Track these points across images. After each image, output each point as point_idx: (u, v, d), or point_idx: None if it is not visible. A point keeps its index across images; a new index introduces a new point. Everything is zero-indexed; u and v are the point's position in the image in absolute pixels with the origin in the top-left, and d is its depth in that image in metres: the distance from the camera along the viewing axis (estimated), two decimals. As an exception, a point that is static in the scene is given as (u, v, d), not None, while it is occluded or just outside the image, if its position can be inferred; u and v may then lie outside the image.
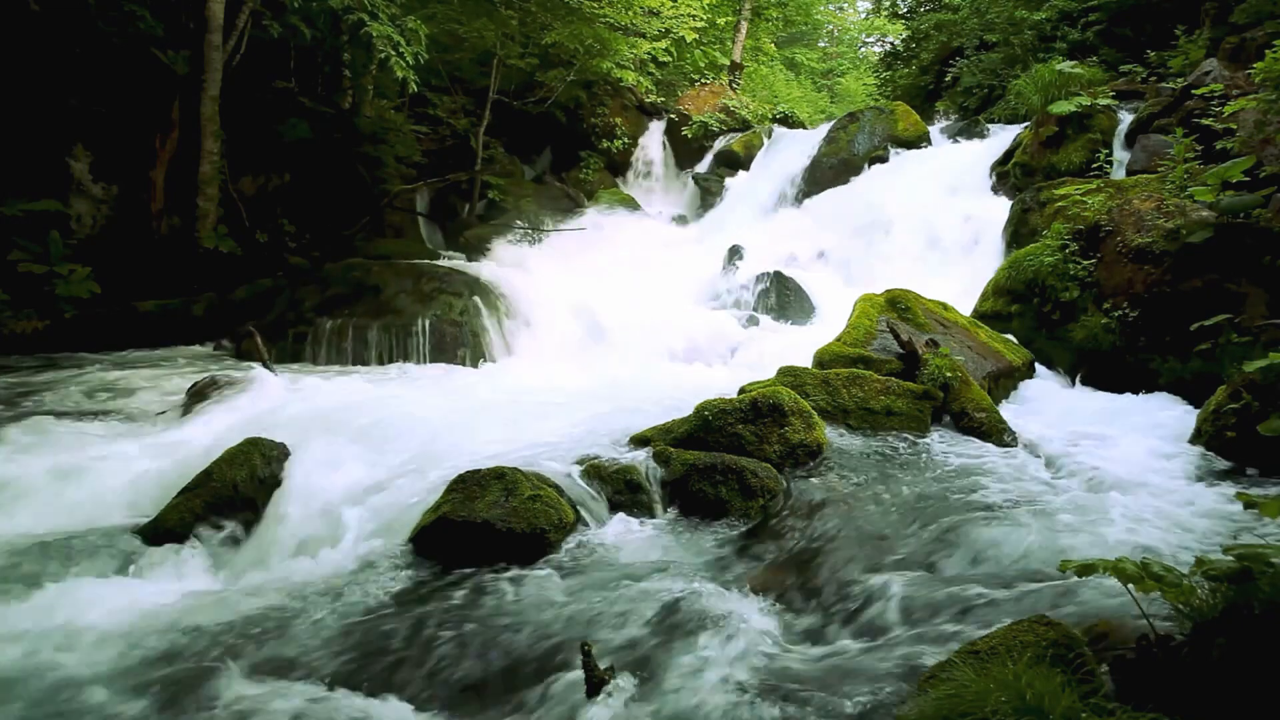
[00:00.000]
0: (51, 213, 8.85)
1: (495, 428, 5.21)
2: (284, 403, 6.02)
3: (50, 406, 6.32)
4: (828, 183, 13.42)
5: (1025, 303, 7.20)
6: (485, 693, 2.69)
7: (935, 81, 18.52)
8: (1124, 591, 2.31)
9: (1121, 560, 2.22)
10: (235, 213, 10.59)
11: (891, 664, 2.63)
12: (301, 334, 8.72)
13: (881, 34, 31.53)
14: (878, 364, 5.68)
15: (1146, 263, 6.48)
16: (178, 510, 3.97)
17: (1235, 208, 6.25)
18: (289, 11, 10.43)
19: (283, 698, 2.62)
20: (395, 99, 13.94)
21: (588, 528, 3.88)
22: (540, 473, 3.98)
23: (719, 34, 21.19)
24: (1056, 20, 14.72)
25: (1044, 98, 10.46)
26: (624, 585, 3.24)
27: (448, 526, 3.61)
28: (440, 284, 9.24)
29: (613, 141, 16.89)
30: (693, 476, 4.16)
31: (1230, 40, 9.39)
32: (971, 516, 3.68)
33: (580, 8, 13.92)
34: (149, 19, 9.37)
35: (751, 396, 4.60)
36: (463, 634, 2.98)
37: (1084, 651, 2.14)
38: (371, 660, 2.86)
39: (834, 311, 8.30)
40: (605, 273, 11.01)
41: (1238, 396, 4.68)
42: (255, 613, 3.18)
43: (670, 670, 2.68)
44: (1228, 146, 7.25)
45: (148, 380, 7.10)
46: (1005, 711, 1.84)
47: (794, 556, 3.59)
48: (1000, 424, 5.17)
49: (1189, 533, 3.48)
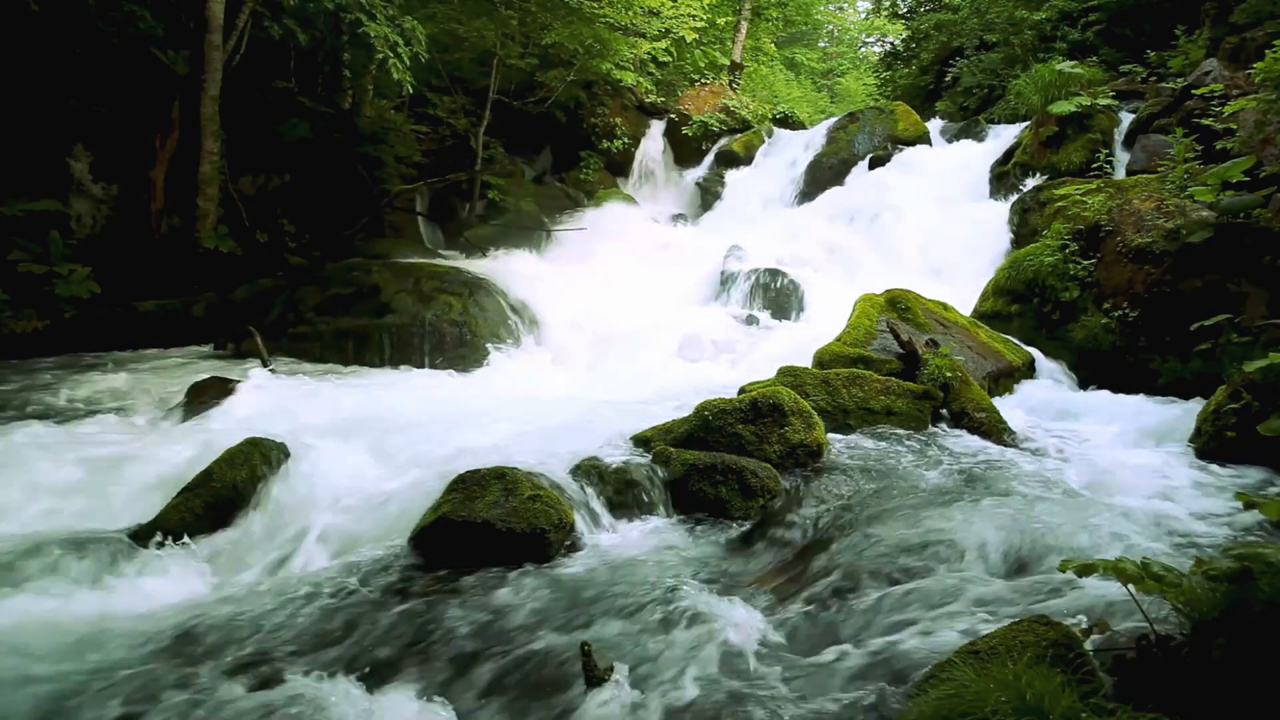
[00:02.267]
0: (51, 213, 8.85)
1: (495, 427, 5.21)
2: (284, 403, 6.02)
3: (50, 407, 6.33)
4: (828, 182, 13.42)
5: (1025, 303, 7.20)
6: (485, 692, 2.69)
7: (935, 81, 18.53)
8: (1124, 591, 2.31)
9: (1121, 560, 2.22)
10: (235, 213, 10.59)
11: (891, 664, 2.63)
12: (301, 334, 8.72)
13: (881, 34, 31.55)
14: (878, 364, 5.68)
15: (1146, 263, 6.48)
16: (178, 510, 3.97)
17: (1235, 208, 6.25)
18: (286, 14, 10.43)
19: (282, 697, 2.62)
20: (395, 99, 13.93)
21: (588, 527, 3.88)
22: (540, 472, 3.97)
23: (719, 34, 21.19)
24: (1056, 20, 14.73)
25: (1044, 98, 10.47)
26: (624, 585, 3.24)
27: (448, 526, 3.61)
28: (440, 284, 9.24)
29: (613, 141, 16.88)
30: (693, 476, 4.16)
31: (1230, 40, 9.40)
32: (972, 516, 3.68)
33: (580, 8, 13.91)
34: (149, 19, 9.37)
35: (751, 396, 4.60)
36: (462, 634, 2.98)
37: (1084, 651, 2.14)
38: (371, 660, 2.86)
39: (834, 311, 8.29)
40: (605, 273, 11.00)
41: (1238, 396, 4.68)
42: (255, 612, 3.18)
43: (670, 669, 2.68)
44: (1228, 146, 7.25)
45: (148, 380, 7.10)
46: (1005, 711, 1.84)
47: (794, 556, 3.59)
48: (1000, 424, 5.17)
49: (1189, 533, 3.48)
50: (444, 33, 13.25)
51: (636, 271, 11.02)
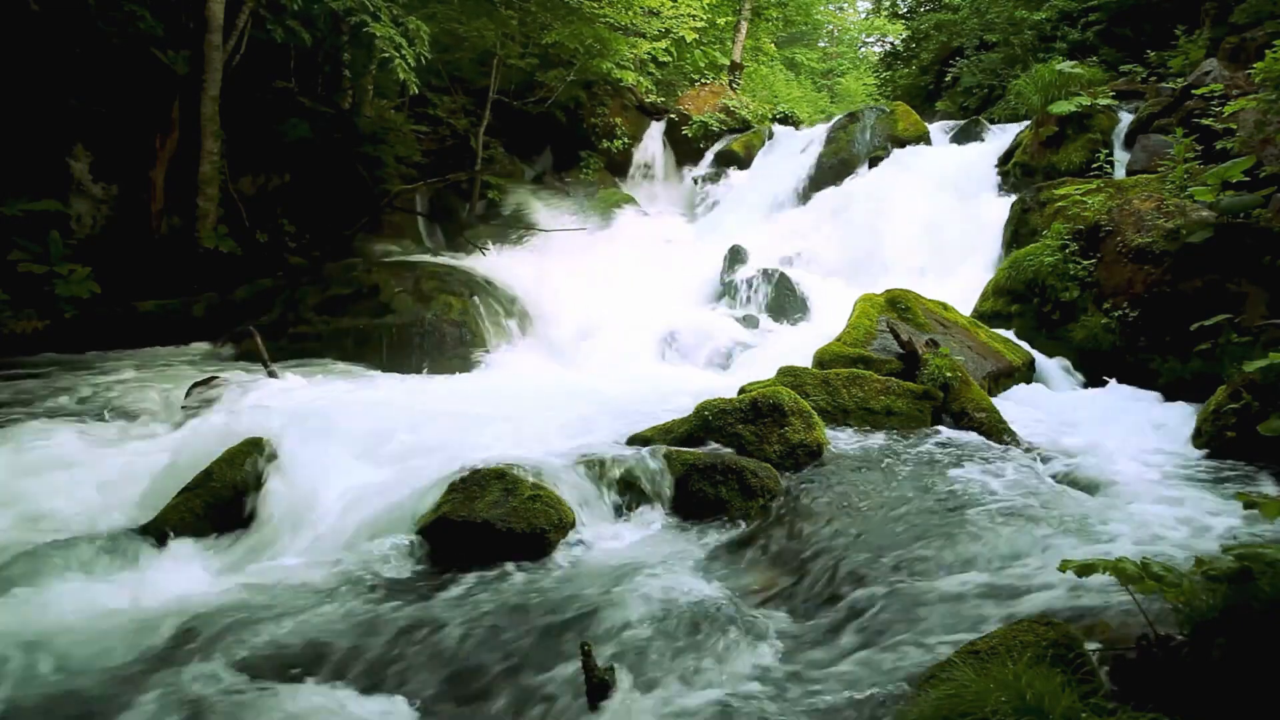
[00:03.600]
0: (51, 213, 8.85)
1: (495, 427, 5.21)
2: (284, 403, 6.01)
3: (50, 407, 6.32)
4: (828, 182, 13.40)
5: (1025, 303, 7.20)
6: (485, 692, 2.68)
7: (935, 81, 18.53)
8: (1124, 591, 2.31)
9: (1121, 560, 2.22)
10: (235, 213, 10.59)
11: (891, 664, 2.63)
12: (301, 334, 8.72)
13: (881, 34, 31.55)
14: (878, 364, 5.68)
15: (1146, 263, 6.48)
16: (178, 510, 3.97)
17: (1235, 208, 6.25)
18: (288, 14, 10.43)
19: (281, 696, 2.62)
20: (395, 99, 13.94)
21: (588, 527, 3.88)
22: (540, 472, 3.97)
23: (719, 34, 21.17)
24: (1056, 20, 14.73)
25: (1044, 98, 10.47)
26: (624, 585, 3.24)
27: (448, 526, 3.61)
28: (440, 284, 9.24)
29: (613, 141, 16.88)
30: (693, 476, 4.16)
31: (1230, 40, 9.39)
32: (971, 516, 3.68)
33: (580, 8, 13.91)
34: (149, 19, 9.38)
35: (751, 396, 4.60)
36: (462, 634, 2.97)
37: (1084, 651, 2.14)
38: (370, 659, 2.86)
39: (834, 311, 8.29)
40: (605, 273, 10.99)
41: (1238, 396, 4.69)
42: (254, 612, 3.17)
43: (670, 670, 2.69)
44: (1228, 146, 7.25)
45: (147, 380, 7.09)
46: (1005, 712, 1.84)
47: (794, 556, 3.59)
48: (1000, 424, 5.17)
49: (1189, 533, 3.47)
50: (444, 33, 13.23)
51: (636, 272, 11.01)
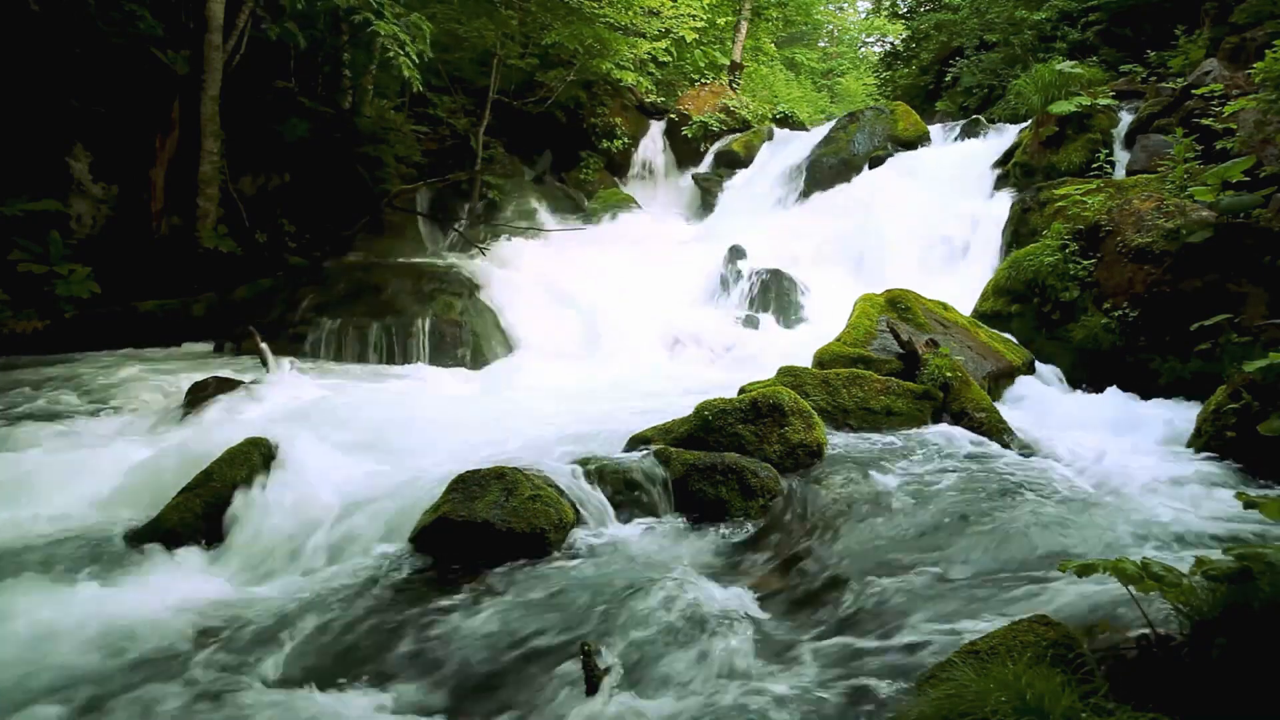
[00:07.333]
0: (51, 213, 8.86)
1: (495, 427, 5.21)
2: (284, 403, 6.02)
3: (50, 406, 6.33)
4: (828, 182, 13.41)
5: (1025, 303, 7.20)
6: (485, 692, 2.68)
7: (935, 81, 18.53)
8: (1124, 591, 2.31)
9: (1121, 560, 2.22)
10: (235, 213, 10.59)
11: (891, 663, 2.63)
12: (301, 334, 8.72)
13: (881, 34, 31.54)
14: (878, 364, 5.68)
15: (1146, 263, 6.48)
16: (177, 510, 3.97)
17: (1235, 208, 6.25)
18: (287, 15, 10.43)
19: (281, 697, 2.62)
20: (395, 99, 13.94)
21: (588, 527, 3.88)
22: (540, 472, 3.97)
23: (719, 34, 21.17)
24: (1056, 20, 14.73)
25: (1044, 98, 10.48)
26: (624, 585, 3.24)
27: (448, 526, 3.61)
28: (440, 284, 9.25)
29: (613, 141, 16.88)
30: (693, 476, 4.16)
31: (1230, 40, 9.40)
32: (971, 516, 3.68)
33: (580, 8, 13.92)
34: (149, 19, 9.38)
35: (751, 396, 4.60)
36: (463, 634, 2.97)
37: (1084, 651, 2.14)
38: (371, 659, 2.86)
39: (834, 311, 8.29)
40: (605, 273, 11.00)
41: (1238, 396, 4.68)
42: (254, 613, 3.17)
43: (670, 670, 2.69)
44: (1228, 146, 7.25)
45: (147, 380, 7.10)
46: (1005, 711, 1.84)
47: (794, 556, 3.59)
48: (1000, 424, 5.17)
49: (1189, 532, 3.47)
50: (444, 33, 13.24)
51: (636, 272, 11.02)
